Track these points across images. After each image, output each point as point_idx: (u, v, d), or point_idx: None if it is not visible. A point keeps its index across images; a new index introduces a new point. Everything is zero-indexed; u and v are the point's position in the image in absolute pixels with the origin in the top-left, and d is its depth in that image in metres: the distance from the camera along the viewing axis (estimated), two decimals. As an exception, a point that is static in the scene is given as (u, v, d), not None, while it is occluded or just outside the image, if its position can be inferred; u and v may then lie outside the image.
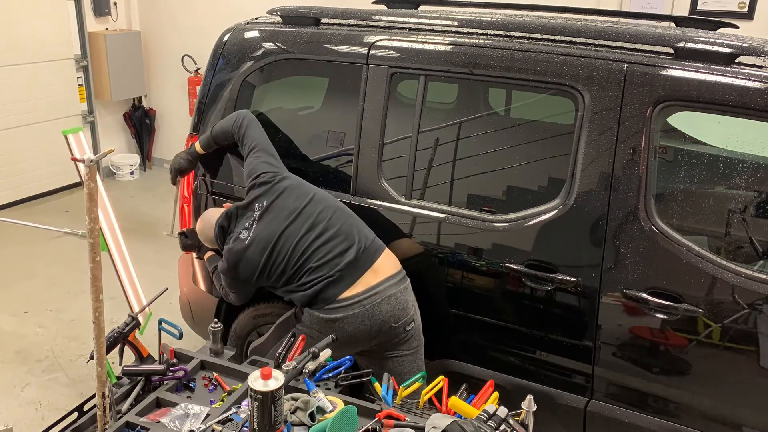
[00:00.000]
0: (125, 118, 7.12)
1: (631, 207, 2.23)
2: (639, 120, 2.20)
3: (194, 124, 3.03)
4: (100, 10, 6.58)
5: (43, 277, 4.63)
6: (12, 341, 3.86)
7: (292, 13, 2.87)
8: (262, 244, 2.40)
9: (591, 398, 2.41)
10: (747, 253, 2.25)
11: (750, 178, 2.25)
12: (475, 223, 2.47)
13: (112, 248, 2.97)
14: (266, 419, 1.68)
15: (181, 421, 1.81)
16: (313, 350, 2.07)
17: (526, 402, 1.75)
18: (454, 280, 2.57)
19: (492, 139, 2.66)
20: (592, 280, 2.30)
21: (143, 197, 6.44)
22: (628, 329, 2.29)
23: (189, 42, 6.53)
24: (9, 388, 3.46)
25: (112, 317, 3.84)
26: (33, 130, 6.14)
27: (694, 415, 2.26)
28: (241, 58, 2.88)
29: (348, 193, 2.69)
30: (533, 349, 2.47)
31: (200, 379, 2.06)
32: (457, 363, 2.62)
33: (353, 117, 2.65)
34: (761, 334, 2.11)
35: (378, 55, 2.59)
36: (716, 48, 2.16)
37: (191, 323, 3.28)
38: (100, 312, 1.80)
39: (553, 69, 2.31)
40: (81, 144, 2.91)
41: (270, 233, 2.40)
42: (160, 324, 2.19)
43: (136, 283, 2.99)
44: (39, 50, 6.07)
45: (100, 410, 1.86)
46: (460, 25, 2.58)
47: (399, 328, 2.39)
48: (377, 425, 1.77)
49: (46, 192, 6.31)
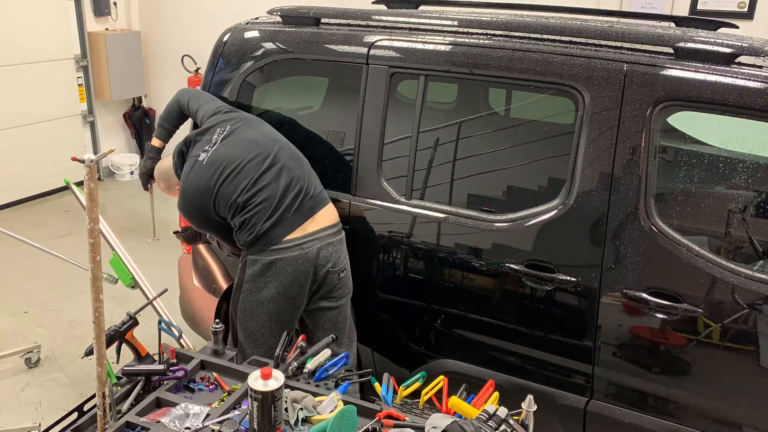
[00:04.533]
0: (125, 118, 7.13)
1: (631, 207, 2.23)
2: (639, 120, 2.20)
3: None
4: (100, 10, 6.59)
5: (43, 277, 4.63)
6: (12, 341, 3.86)
7: (292, 13, 2.87)
8: (216, 164, 2.44)
9: (591, 398, 2.41)
10: (747, 253, 2.26)
11: (750, 178, 2.25)
12: (475, 223, 2.47)
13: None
14: (266, 419, 1.68)
15: (181, 421, 1.81)
16: (301, 344, 2.09)
17: (526, 402, 1.75)
18: (454, 280, 2.57)
19: (492, 139, 2.66)
20: (591, 280, 2.30)
21: (143, 197, 6.42)
22: (628, 329, 2.29)
23: (189, 42, 6.53)
24: (9, 388, 3.46)
25: (112, 317, 3.84)
26: (33, 130, 6.14)
27: (694, 415, 2.26)
28: (241, 58, 2.88)
29: (348, 192, 2.69)
30: (533, 349, 2.47)
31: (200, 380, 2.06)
32: (457, 363, 2.62)
33: (353, 117, 2.65)
34: (761, 334, 2.11)
35: (378, 55, 2.59)
36: (716, 48, 2.16)
37: (191, 323, 3.28)
38: (100, 312, 1.80)
39: (553, 69, 2.31)
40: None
41: (226, 155, 2.45)
42: (159, 324, 2.19)
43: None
44: (39, 50, 6.07)
45: (100, 410, 1.86)
46: (460, 25, 2.58)
47: (334, 274, 2.49)
48: (377, 425, 1.77)
49: (46, 192, 6.32)
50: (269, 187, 2.40)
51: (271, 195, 2.40)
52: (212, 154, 2.47)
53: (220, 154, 2.46)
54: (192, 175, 2.48)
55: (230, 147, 2.47)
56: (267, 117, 2.84)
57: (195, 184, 2.47)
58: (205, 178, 2.44)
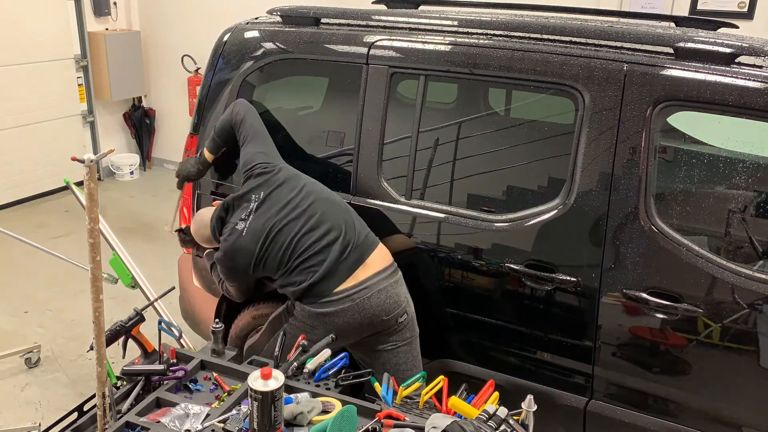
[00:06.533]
0: (125, 118, 7.13)
1: (631, 207, 2.23)
2: (639, 120, 2.20)
3: (194, 124, 3.03)
4: (100, 10, 6.59)
5: (43, 277, 4.63)
6: (12, 341, 3.86)
7: (292, 13, 2.87)
8: (258, 234, 2.41)
9: (591, 398, 2.41)
10: (747, 253, 2.25)
11: (750, 178, 2.25)
12: (475, 223, 2.47)
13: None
14: (266, 419, 1.68)
15: (181, 421, 1.81)
16: (302, 343, 2.09)
17: (526, 402, 1.75)
18: (454, 280, 2.57)
19: (492, 139, 2.66)
20: (592, 280, 2.30)
21: (143, 197, 6.44)
22: (628, 329, 2.29)
23: (189, 42, 6.53)
24: (9, 388, 3.46)
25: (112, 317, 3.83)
26: (33, 130, 6.14)
27: (694, 415, 2.26)
28: (241, 58, 2.88)
29: (348, 192, 2.69)
30: (533, 349, 2.47)
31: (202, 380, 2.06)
32: (457, 363, 2.62)
33: (353, 117, 2.65)
34: (761, 334, 2.11)
35: (378, 55, 2.59)
36: (716, 48, 2.16)
37: (191, 323, 3.28)
38: (100, 312, 1.80)
39: (553, 69, 2.31)
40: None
41: (265, 223, 2.42)
42: (159, 324, 2.19)
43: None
44: (39, 50, 6.07)
45: (100, 410, 1.86)
46: (460, 25, 2.58)
47: (390, 320, 2.41)
48: (377, 425, 1.77)
49: (46, 192, 6.31)
50: (315, 245, 2.36)
51: (319, 253, 2.36)
52: (251, 223, 2.43)
53: (259, 224, 2.42)
54: (235, 245, 2.44)
55: (267, 215, 2.43)
56: (267, 117, 2.84)
57: (238, 254, 2.42)
58: (248, 249, 2.41)
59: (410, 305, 2.49)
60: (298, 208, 2.43)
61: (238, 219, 2.47)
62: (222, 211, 2.54)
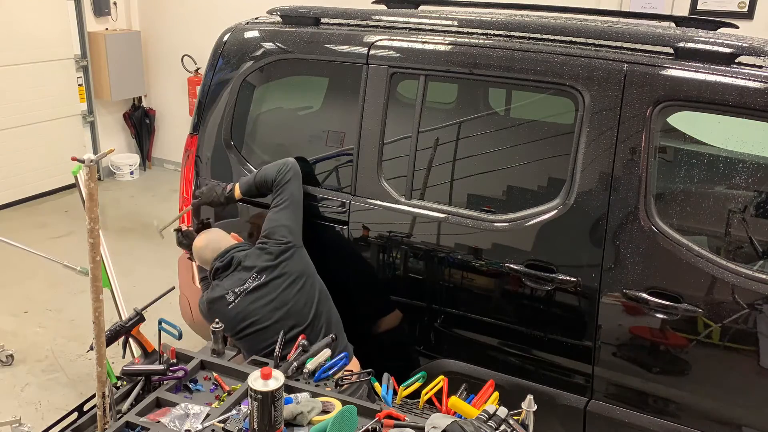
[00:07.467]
0: (125, 118, 7.13)
1: (631, 207, 2.23)
2: (639, 120, 2.20)
3: (194, 124, 3.03)
4: (100, 10, 6.59)
5: (43, 277, 4.63)
6: (12, 341, 3.86)
7: (292, 13, 2.87)
8: (240, 318, 2.46)
9: (591, 398, 2.41)
10: (747, 253, 2.25)
11: (750, 178, 2.25)
12: (475, 223, 2.47)
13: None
14: (266, 419, 1.68)
15: (181, 421, 1.81)
16: (302, 343, 2.09)
17: (526, 402, 1.75)
18: (454, 280, 2.56)
19: (492, 139, 2.66)
20: (592, 280, 2.30)
21: (143, 197, 6.44)
22: (628, 329, 2.29)
23: (189, 42, 6.53)
24: (9, 388, 3.46)
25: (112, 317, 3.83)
26: (33, 130, 6.14)
27: (694, 415, 2.26)
28: (241, 58, 2.88)
29: (348, 193, 2.69)
30: (533, 349, 2.47)
31: (202, 380, 2.06)
32: (457, 363, 2.62)
33: (353, 117, 2.65)
34: (761, 334, 2.11)
35: (378, 55, 2.59)
36: (716, 48, 2.16)
37: (191, 323, 3.28)
38: (100, 312, 1.80)
39: (553, 69, 2.30)
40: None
41: (251, 313, 2.45)
42: (160, 324, 2.19)
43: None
44: (39, 50, 6.07)
45: (100, 410, 1.86)
46: (460, 25, 2.58)
47: None
48: (377, 425, 1.77)
49: (46, 192, 6.32)
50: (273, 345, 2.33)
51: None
52: (240, 302, 2.46)
53: (250, 309, 2.45)
54: (219, 312, 2.45)
55: (256, 305, 2.45)
56: (267, 117, 2.84)
57: (219, 317, 2.34)
58: (228, 324, 2.41)
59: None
60: (289, 312, 2.45)
61: (231, 289, 2.48)
62: (222, 264, 2.54)
